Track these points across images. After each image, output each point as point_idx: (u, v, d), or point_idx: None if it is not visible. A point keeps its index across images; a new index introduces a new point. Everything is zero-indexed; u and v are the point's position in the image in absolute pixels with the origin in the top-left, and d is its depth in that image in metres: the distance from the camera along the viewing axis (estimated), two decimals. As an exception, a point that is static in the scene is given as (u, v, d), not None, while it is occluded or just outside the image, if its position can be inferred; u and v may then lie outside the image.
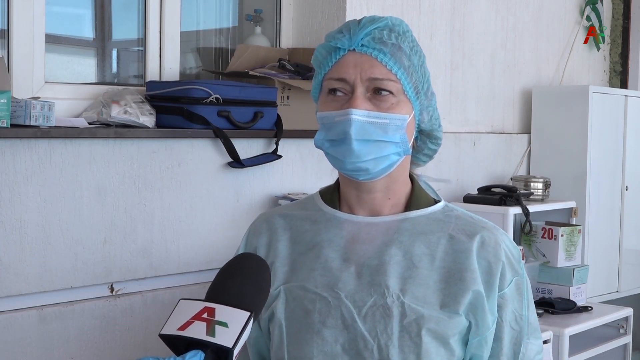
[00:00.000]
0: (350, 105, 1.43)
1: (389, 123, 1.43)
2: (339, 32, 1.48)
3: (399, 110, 1.45)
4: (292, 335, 1.47)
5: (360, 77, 1.43)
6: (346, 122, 1.42)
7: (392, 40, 1.45)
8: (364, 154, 1.43)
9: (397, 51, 1.45)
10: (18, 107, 2.28)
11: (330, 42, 1.47)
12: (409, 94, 1.46)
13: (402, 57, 1.45)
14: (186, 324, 1.13)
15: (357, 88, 1.43)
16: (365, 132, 1.42)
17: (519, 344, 1.49)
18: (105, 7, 3.01)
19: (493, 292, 1.46)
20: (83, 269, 2.42)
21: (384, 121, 1.43)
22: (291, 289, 1.49)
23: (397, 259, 1.46)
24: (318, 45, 1.51)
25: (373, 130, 1.43)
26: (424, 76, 1.50)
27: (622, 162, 4.34)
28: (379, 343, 1.42)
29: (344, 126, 1.42)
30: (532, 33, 4.33)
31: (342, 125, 1.43)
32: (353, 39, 1.45)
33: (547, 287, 3.69)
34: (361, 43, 1.44)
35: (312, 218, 1.56)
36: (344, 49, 1.45)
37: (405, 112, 1.46)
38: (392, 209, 1.52)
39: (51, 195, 2.35)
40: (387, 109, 1.44)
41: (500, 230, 1.53)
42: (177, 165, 2.63)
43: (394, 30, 1.47)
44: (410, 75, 1.46)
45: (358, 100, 1.42)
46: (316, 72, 1.51)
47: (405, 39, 1.47)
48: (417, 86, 1.48)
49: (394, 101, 1.44)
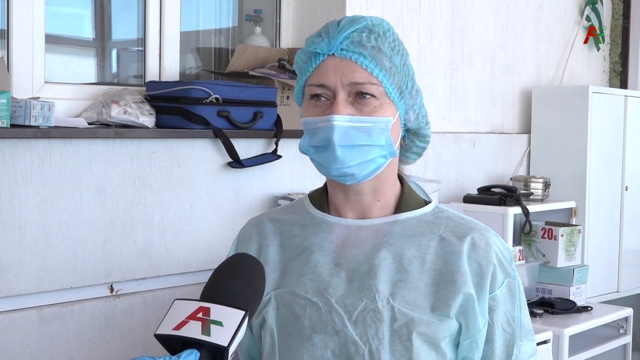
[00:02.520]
0: (332, 111, 1.41)
1: (373, 126, 1.42)
2: (317, 37, 1.46)
3: (383, 112, 1.43)
4: (283, 341, 1.46)
5: (341, 82, 1.41)
6: (328, 129, 1.40)
7: (372, 42, 1.43)
8: (348, 160, 1.41)
9: (377, 53, 1.42)
10: (18, 107, 2.29)
11: (310, 47, 1.45)
12: (392, 95, 1.44)
13: (383, 59, 1.43)
14: (181, 323, 1.13)
15: (339, 93, 1.41)
16: (348, 137, 1.40)
17: (511, 346, 1.48)
18: (105, 7, 3.01)
19: (484, 294, 1.44)
20: (83, 269, 2.43)
21: (368, 125, 1.41)
22: (281, 295, 1.48)
23: (387, 262, 1.45)
24: (298, 50, 1.49)
25: (357, 134, 1.41)
26: (408, 75, 1.48)
27: (622, 162, 4.34)
28: (370, 348, 1.41)
29: (327, 132, 1.40)
30: (532, 33, 4.33)
31: (325, 132, 1.41)
32: (332, 44, 1.43)
33: (547, 287, 3.69)
34: (340, 47, 1.42)
35: (301, 222, 1.54)
36: (323, 53, 1.43)
37: (389, 114, 1.44)
38: (381, 211, 1.51)
39: (51, 195, 2.35)
40: (370, 112, 1.42)
41: (491, 232, 1.51)
42: (177, 166, 2.63)
43: (374, 31, 1.44)
44: (392, 77, 1.44)
45: (340, 106, 1.40)
46: (298, 77, 1.49)
47: (385, 40, 1.45)
48: (401, 86, 1.46)
49: (376, 104, 1.42)
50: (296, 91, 1.51)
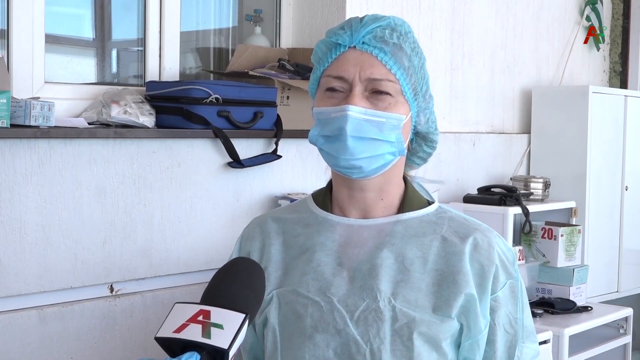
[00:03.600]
0: (347, 101, 1.41)
1: (385, 122, 1.43)
2: (340, 29, 1.47)
3: (396, 110, 1.44)
4: (285, 340, 1.47)
5: (360, 76, 1.42)
6: (342, 118, 1.41)
7: (394, 39, 1.44)
8: (358, 152, 1.42)
9: (398, 51, 1.44)
10: (18, 107, 2.29)
11: (331, 37, 1.46)
12: (407, 95, 1.45)
13: (403, 57, 1.44)
14: (182, 326, 1.13)
15: (356, 86, 1.42)
16: (360, 129, 1.41)
17: (513, 348, 1.48)
18: (105, 7, 3.01)
19: (485, 295, 1.44)
20: (83, 269, 2.43)
21: (381, 119, 1.42)
22: (284, 294, 1.48)
23: (389, 262, 1.45)
24: (319, 41, 1.50)
25: (369, 128, 1.42)
26: (423, 78, 1.49)
27: (622, 162, 4.34)
28: (371, 347, 1.41)
29: (340, 122, 1.41)
30: (532, 33, 4.33)
31: (338, 122, 1.42)
32: (354, 36, 1.44)
33: (547, 287, 3.70)
34: (362, 40, 1.43)
35: (304, 221, 1.54)
36: (344, 45, 1.44)
37: (402, 112, 1.45)
38: (384, 210, 1.51)
39: (51, 195, 2.35)
40: (385, 108, 1.43)
41: (494, 233, 1.51)
42: (177, 165, 2.63)
43: (396, 30, 1.46)
44: (409, 77, 1.45)
45: (356, 98, 1.41)
46: (315, 68, 1.50)
47: (406, 40, 1.46)
48: (416, 88, 1.47)
49: (391, 101, 1.43)
50: (311, 81, 1.52)
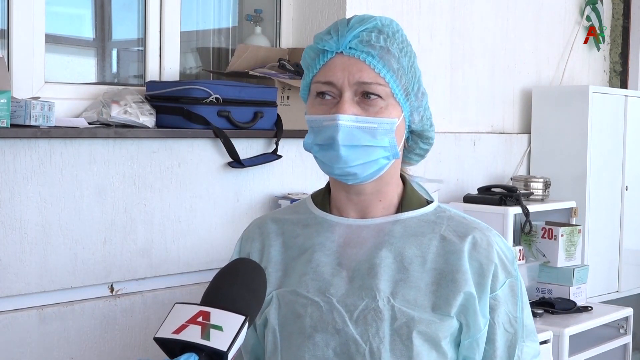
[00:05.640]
0: (337, 110, 1.41)
1: (378, 127, 1.42)
2: (326, 34, 1.46)
3: (388, 114, 1.43)
4: (285, 340, 1.47)
5: (348, 81, 1.41)
6: (333, 128, 1.40)
7: (381, 42, 1.43)
8: (351, 160, 1.41)
9: (385, 54, 1.43)
10: (18, 107, 2.29)
11: (318, 44, 1.45)
12: (398, 97, 1.44)
13: (391, 60, 1.43)
14: (181, 327, 1.13)
15: (345, 92, 1.41)
16: (353, 137, 1.41)
17: (513, 347, 1.47)
18: (105, 7, 3.01)
19: (485, 293, 1.44)
20: (83, 269, 2.43)
21: (373, 125, 1.42)
22: (283, 294, 1.48)
23: (388, 261, 1.45)
24: (307, 47, 1.49)
25: (361, 135, 1.41)
26: (414, 77, 1.48)
27: (622, 162, 4.34)
28: (370, 346, 1.41)
29: (332, 131, 1.41)
30: (532, 33, 4.33)
31: (330, 131, 1.41)
32: (340, 42, 1.43)
33: (547, 287, 3.70)
34: (349, 46, 1.42)
35: (303, 222, 1.55)
36: (331, 51, 1.43)
37: (394, 115, 1.44)
38: (383, 210, 1.51)
39: (51, 195, 2.35)
40: (376, 113, 1.42)
41: (493, 231, 1.51)
42: (177, 165, 2.63)
43: (383, 31, 1.45)
44: (399, 78, 1.44)
45: (346, 105, 1.41)
46: (304, 74, 1.49)
47: (394, 41, 1.45)
48: (407, 88, 1.46)
49: (382, 105, 1.43)
50: (302, 87, 1.51)
